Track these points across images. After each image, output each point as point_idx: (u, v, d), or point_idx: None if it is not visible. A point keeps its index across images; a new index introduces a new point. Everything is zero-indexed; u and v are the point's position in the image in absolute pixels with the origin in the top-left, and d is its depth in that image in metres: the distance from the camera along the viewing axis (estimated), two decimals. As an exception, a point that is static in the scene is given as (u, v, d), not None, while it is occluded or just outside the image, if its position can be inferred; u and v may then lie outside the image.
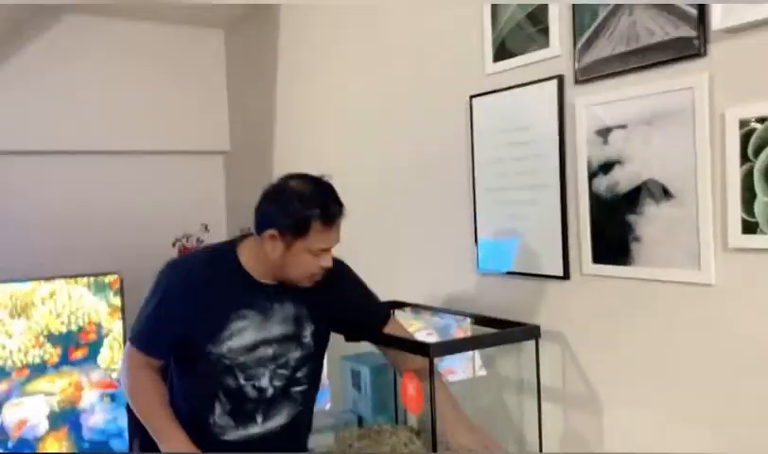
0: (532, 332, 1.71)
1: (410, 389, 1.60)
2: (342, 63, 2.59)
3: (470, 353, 1.96)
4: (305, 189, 1.61)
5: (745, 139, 1.33)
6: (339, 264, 1.73)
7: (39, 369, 2.63)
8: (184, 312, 1.63)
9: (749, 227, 1.33)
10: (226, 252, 1.71)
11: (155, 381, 1.68)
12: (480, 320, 1.87)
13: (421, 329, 2.08)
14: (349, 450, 1.91)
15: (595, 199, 1.63)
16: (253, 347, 1.65)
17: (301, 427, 1.77)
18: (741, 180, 1.34)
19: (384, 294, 2.28)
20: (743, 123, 1.33)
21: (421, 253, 2.23)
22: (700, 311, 1.44)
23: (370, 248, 2.48)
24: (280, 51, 3.03)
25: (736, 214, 1.35)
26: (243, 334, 1.64)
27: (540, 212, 1.77)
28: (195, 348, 1.64)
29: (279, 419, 1.69)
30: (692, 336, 1.46)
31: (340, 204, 1.63)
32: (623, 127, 1.56)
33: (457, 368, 1.97)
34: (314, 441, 1.99)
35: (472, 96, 1.94)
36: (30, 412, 2.62)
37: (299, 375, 1.70)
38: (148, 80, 3.29)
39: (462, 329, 1.94)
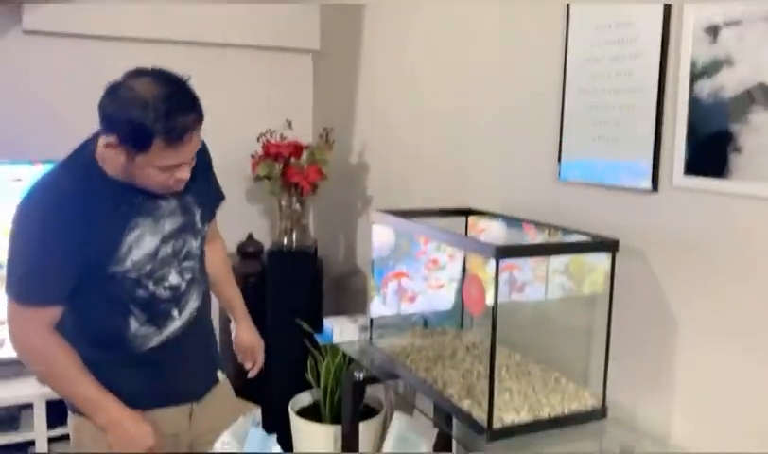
0: (609, 245, 1.60)
1: (473, 290, 1.56)
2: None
3: (542, 264, 1.88)
4: (148, 94, 1.37)
5: None
6: (203, 145, 1.60)
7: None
8: (75, 241, 1.44)
9: None
10: (86, 164, 1.50)
11: (65, 348, 1.49)
12: (555, 230, 1.78)
13: (489, 230, 2.01)
14: (412, 348, 1.91)
15: (695, 104, 1.47)
16: (155, 252, 1.54)
17: (207, 302, 1.74)
18: None
19: (457, 201, 2.23)
20: None
21: (499, 158, 2.13)
22: (802, 233, 1.30)
23: (443, 152, 2.41)
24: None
25: None
26: (141, 243, 1.51)
27: (633, 117, 1.63)
28: (94, 275, 1.48)
29: (193, 304, 1.66)
30: (789, 260, 1.32)
31: (190, 115, 1.40)
32: (737, 24, 1.38)
33: (526, 277, 1.90)
34: (379, 339, 2.00)
35: (570, -11, 1.78)
36: None
37: (199, 257, 1.67)
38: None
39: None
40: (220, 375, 1.80)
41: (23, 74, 2.94)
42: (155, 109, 1.37)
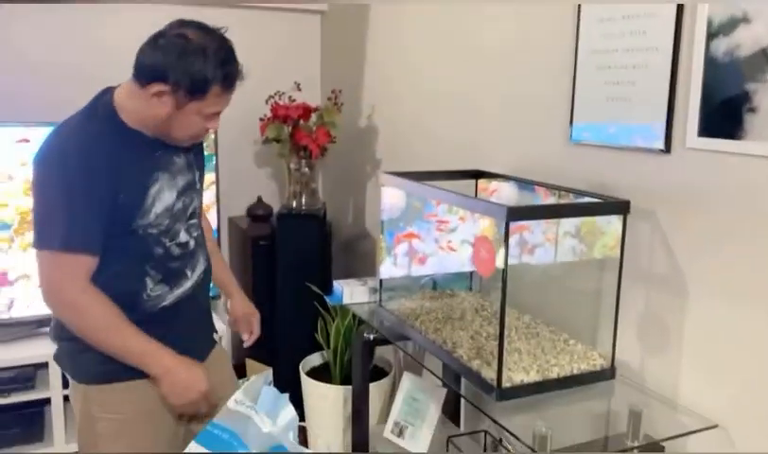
0: (620, 207, 1.59)
1: (483, 251, 1.56)
2: None
3: (552, 226, 1.88)
4: (207, 44, 1.42)
5: None
6: None
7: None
8: (104, 183, 1.43)
9: None
10: (108, 112, 1.49)
11: (106, 300, 1.46)
12: (566, 192, 1.77)
13: (499, 192, 2.00)
14: (421, 309, 1.92)
15: (710, 63, 1.45)
16: (172, 207, 1.56)
17: (210, 266, 1.76)
18: None
19: (468, 163, 2.22)
20: None
21: (509, 120, 2.11)
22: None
23: (452, 114, 2.39)
24: None
25: None
26: (162, 196, 1.53)
27: (647, 77, 1.61)
28: (120, 229, 1.48)
29: (201, 265, 1.68)
30: (803, 221, 1.32)
31: (239, 64, 1.49)
32: (756, -20, 1.35)
33: (536, 239, 1.90)
34: (388, 301, 2.02)
35: (584, -55, 1.75)
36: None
37: (198, 220, 1.70)
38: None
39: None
40: (216, 336, 1.85)
41: (22, 38, 2.92)
42: (215, 56, 1.42)
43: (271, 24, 3.39)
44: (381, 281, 2.06)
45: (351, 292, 2.17)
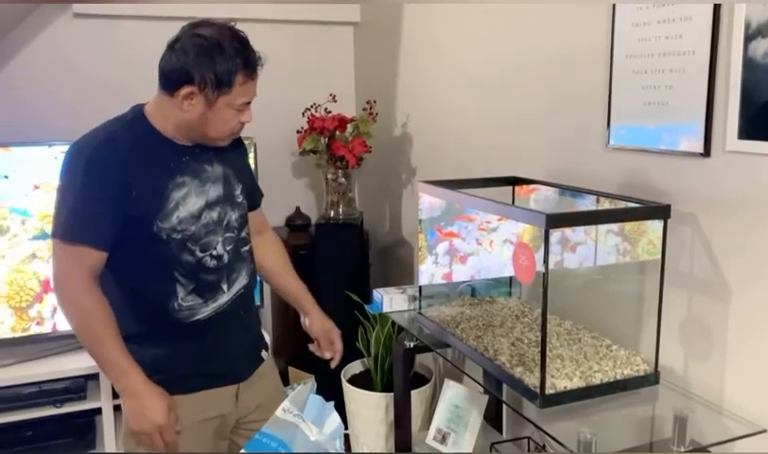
0: (661, 211, 1.59)
1: (522, 258, 1.57)
2: None
3: (592, 231, 1.88)
4: (222, 38, 1.46)
5: None
6: (240, 135, 1.70)
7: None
8: (121, 187, 1.47)
9: None
10: (136, 118, 1.55)
11: (102, 304, 1.48)
12: (605, 197, 1.77)
13: (536, 198, 2.01)
14: (461, 317, 1.94)
15: (749, 65, 1.44)
16: (199, 214, 1.56)
17: (255, 282, 1.77)
18: None
19: (503, 169, 2.23)
20: None
21: (545, 125, 2.12)
22: None
23: (487, 120, 2.40)
24: None
25: None
26: (187, 201, 1.54)
27: (684, 81, 1.60)
28: (141, 232, 1.50)
29: (241, 280, 1.67)
30: None
31: (256, 52, 1.52)
32: (794, -20, 1.34)
33: (577, 246, 1.90)
34: (427, 308, 2.04)
35: (617, -49, 1.75)
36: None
37: (243, 234, 1.69)
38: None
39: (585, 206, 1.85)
40: (265, 354, 1.81)
41: (72, 56, 3.03)
42: (231, 47, 1.46)
43: (305, 37, 3.44)
44: (420, 288, 2.08)
45: (390, 300, 2.20)
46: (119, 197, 1.47)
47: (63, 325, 2.75)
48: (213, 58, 1.45)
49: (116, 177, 1.47)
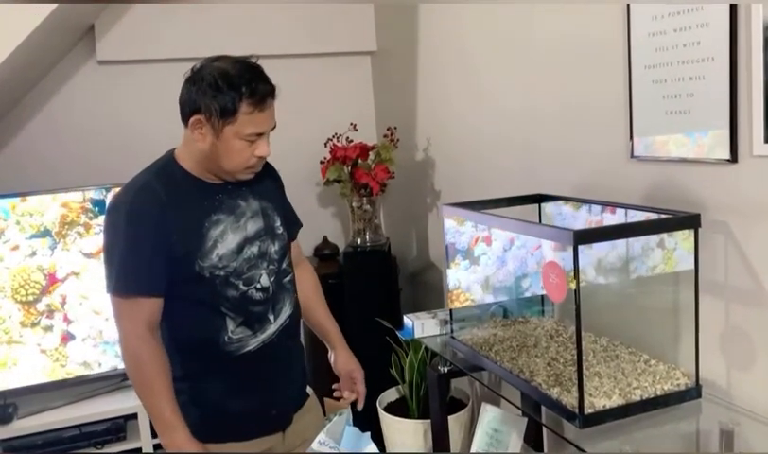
0: (691, 221, 1.57)
1: (552, 276, 1.55)
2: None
3: (622, 245, 1.85)
4: (229, 68, 1.49)
5: None
6: (274, 170, 1.75)
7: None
8: (157, 228, 1.51)
9: None
10: (166, 163, 1.60)
11: (159, 356, 1.52)
12: (633, 209, 1.75)
13: (562, 215, 1.99)
14: (494, 339, 1.92)
15: (771, 68, 1.42)
16: (239, 250, 1.59)
17: (299, 313, 1.78)
18: None
19: (527, 186, 2.22)
20: None
21: (568, 142, 2.11)
22: None
23: (509, 140, 2.39)
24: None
25: None
26: (225, 238, 1.57)
27: (705, 88, 1.58)
28: (184, 273, 1.53)
29: (287, 311, 1.70)
30: None
31: (269, 83, 1.52)
32: (812, -20, 1.33)
33: (606, 260, 1.87)
34: (460, 331, 2.02)
35: (628, -37, 1.75)
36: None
37: (284, 265, 1.70)
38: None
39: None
40: (309, 390, 1.82)
41: (99, 102, 3.11)
42: (238, 76, 1.48)
43: (324, 69, 3.49)
44: (451, 312, 2.07)
45: (422, 326, 2.19)
46: (162, 242, 1.52)
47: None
48: (218, 86, 1.47)
49: (156, 222, 1.51)
